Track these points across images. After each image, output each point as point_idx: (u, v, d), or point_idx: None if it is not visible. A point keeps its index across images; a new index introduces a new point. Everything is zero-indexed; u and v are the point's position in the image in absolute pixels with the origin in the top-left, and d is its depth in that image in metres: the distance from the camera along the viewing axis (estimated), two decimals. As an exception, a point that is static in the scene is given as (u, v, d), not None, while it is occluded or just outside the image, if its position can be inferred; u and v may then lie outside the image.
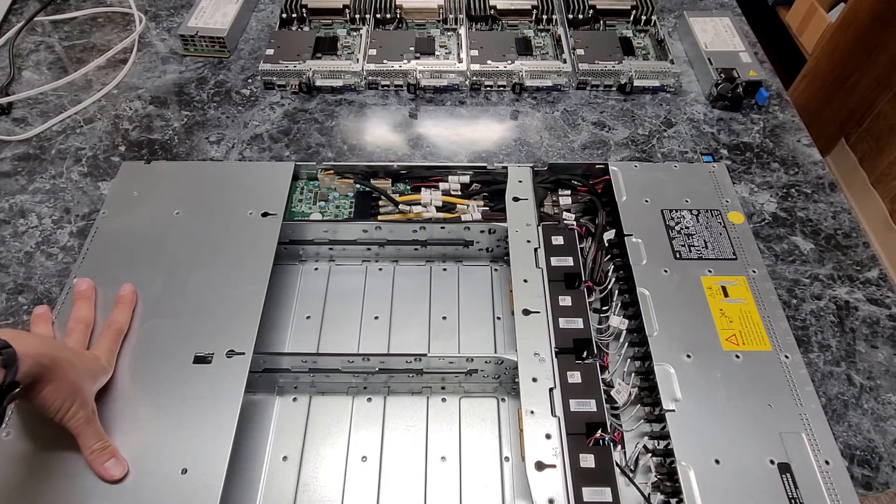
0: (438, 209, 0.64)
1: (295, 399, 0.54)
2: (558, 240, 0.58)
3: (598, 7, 0.89)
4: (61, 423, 0.43)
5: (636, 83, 0.80)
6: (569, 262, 0.57)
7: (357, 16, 0.87)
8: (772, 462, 0.45)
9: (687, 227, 0.59)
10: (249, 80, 0.82)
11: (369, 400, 0.54)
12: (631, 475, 0.48)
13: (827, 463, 0.45)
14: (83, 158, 0.72)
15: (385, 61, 0.80)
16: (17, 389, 0.38)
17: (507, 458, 0.51)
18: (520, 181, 0.63)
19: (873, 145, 1.56)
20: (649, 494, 0.47)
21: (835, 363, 0.56)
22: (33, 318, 0.50)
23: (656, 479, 0.47)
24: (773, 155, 0.74)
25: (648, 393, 0.52)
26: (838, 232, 0.66)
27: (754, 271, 0.56)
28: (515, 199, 0.61)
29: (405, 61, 0.80)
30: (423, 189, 0.65)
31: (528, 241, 0.58)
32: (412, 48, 0.82)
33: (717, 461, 0.45)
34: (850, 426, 0.52)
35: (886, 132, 1.51)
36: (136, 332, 0.51)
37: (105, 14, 0.92)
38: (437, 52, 0.83)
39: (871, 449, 0.51)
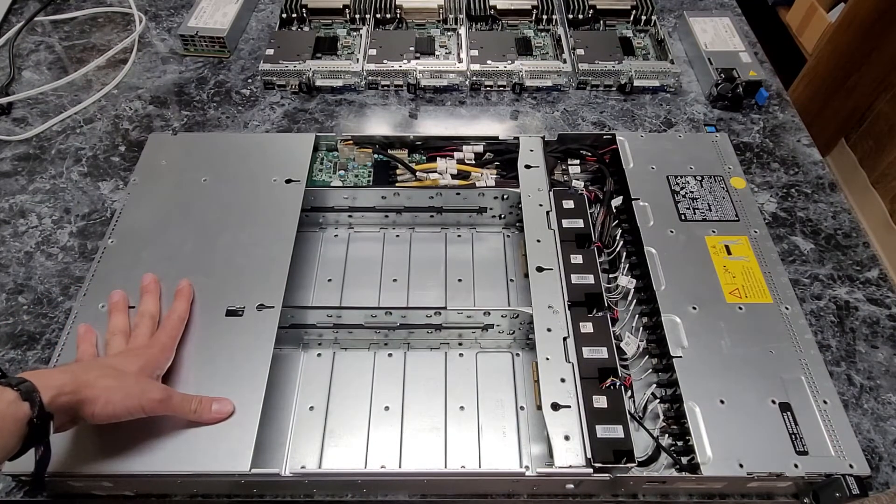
0: (453, 177, 0.66)
1: (319, 354, 0.56)
2: (569, 203, 0.61)
3: (598, 7, 0.89)
4: (147, 416, 0.44)
5: (636, 83, 0.80)
6: (579, 224, 0.59)
7: (357, 16, 0.87)
8: (773, 402, 0.48)
9: (691, 192, 0.62)
10: (249, 80, 0.82)
11: (390, 355, 0.56)
12: (640, 419, 0.50)
13: (825, 402, 0.48)
14: (83, 158, 0.72)
15: (385, 61, 0.80)
16: (53, 420, 0.39)
17: (522, 408, 0.53)
18: (531, 150, 0.65)
19: (873, 145, 1.56)
20: (658, 436, 0.49)
21: (835, 363, 0.56)
22: (77, 340, 0.50)
23: (664, 423, 0.50)
24: (773, 155, 0.74)
25: (656, 346, 0.54)
26: (838, 232, 0.66)
27: (756, 231, 0.59)
28: (527, 167, 0.64)
29: (405, 61, 0.80)
30: (438, 158, 0.67)
31: (541, 205, 0.60)
32: (412, 48, 0.82)
33: (721, 401, 0.48)
34: (850, 426, 0.52)
35: (886, 132, 1.51)
36: (170, 288, 0.54)
37: (105, 14, 0.92)
38: (437, 52, 0.83)
39: (872, 449, 0.51)
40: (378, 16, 0.87)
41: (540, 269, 0.55)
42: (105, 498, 0.48)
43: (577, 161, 0.68)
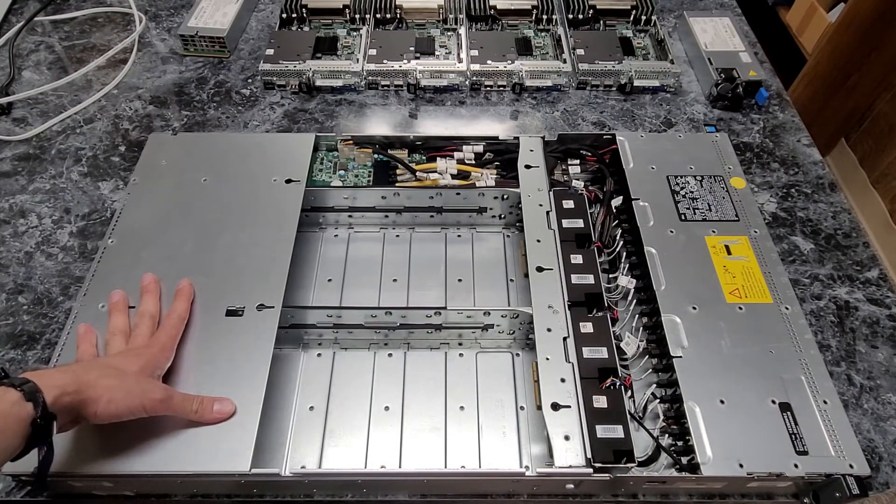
0: (453, 177, 0.66)
1: (319, 354, 0.56)
2: (569, 203, 0.61)
3: (598, 7, 0.89)
4: (148, 416, 0.44)
5: (636, 83, 0.80)
6: (579, 224, 0.59)
7: (357, 16, 0.87)
8: (773, 402, 0.48)
9: (691, 192, 0.62)
10: (249, 80, 0.82)
11: (390, 355, 0.56)
12: (640, 419, 0.50)
13: (825, 402, 0.48)
14: (83, 158, 0.72)
15: (385, 61, 0.80)
16: (56, 420, 0.39)
17: (522, 408, 0.53)
18: (531, 150, 0.65)
19: (873, 145, 1.56)
20: (658, 436, 0.49)
21: (835, 363, 0.56)
22: (77, 340, 0.51)
23: (664, 423, 0.50)
24: (773, 155, 0.74)
25: (656, 346, 0.54)
26: (838, 232, 0.66)
27: (756, 231, 0.59)
28: (527, 167, 0.64)
29: (405, 61, 0.80)
30: (438, 158, 0.67)
31: (541, 205, 0.60)
32: (412, 48, 0.82)
33: (721, 401, 0.48)
34: (851, 426, 0.52)
35: (886, 132, 1.51)
36: (170, 288, 0.54)
37: (105, 14, 0.92)
38: (437, 52, 0.83)
39: (872, 449, 0.51)
40: (378, 16, 0.87)
41: (540, 269, 0.55)
42: (105, 498, 0.48)
43: (577, 161, 0.68)
